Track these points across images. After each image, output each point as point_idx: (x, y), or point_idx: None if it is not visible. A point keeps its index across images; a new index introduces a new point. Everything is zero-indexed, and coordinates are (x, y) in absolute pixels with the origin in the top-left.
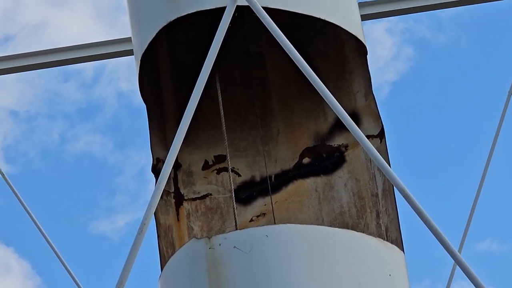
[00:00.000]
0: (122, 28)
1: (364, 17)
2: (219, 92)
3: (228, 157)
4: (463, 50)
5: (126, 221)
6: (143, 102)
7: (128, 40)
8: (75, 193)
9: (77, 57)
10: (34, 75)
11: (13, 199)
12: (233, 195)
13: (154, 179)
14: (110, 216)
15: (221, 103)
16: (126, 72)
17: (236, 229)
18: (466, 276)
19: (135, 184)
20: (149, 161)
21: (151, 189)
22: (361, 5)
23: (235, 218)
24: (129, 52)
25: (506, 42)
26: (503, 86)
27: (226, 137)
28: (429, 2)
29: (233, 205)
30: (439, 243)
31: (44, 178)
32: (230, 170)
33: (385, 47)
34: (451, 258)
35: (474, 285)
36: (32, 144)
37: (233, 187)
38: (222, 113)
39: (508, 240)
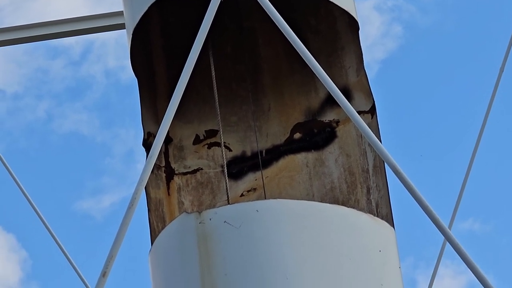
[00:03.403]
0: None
1: None
2: (212, 67)
3: (221, 132)
4: (450, 29)
5: (112, 201)
6: (135, 76)
7: (117, 14)
8: (61, 172)
9: (65, 31)
10: (21, 52)
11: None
12: (226, 170)
13: (143, 158)
14: (95, 195)
15: (214, 78)
16: (114, 49)
17: (229, 203)
18: (456, 253)
19: (123, 164)
20: (137, 141)
21: (139, 169)
22: None
23: (227, 193)
24: (118, 27)
25: (495, 18)
26: (494, 62)
27: (219, 112)
28: None
29: (225, 180)
30: (429, 219)
31: (30, 157)
32: (223, 145)
33: (374, 26)
34: (441, 236)
35: (465, 263)
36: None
37: (225, 162)
38: (215, 89)
39: (491, 220)
